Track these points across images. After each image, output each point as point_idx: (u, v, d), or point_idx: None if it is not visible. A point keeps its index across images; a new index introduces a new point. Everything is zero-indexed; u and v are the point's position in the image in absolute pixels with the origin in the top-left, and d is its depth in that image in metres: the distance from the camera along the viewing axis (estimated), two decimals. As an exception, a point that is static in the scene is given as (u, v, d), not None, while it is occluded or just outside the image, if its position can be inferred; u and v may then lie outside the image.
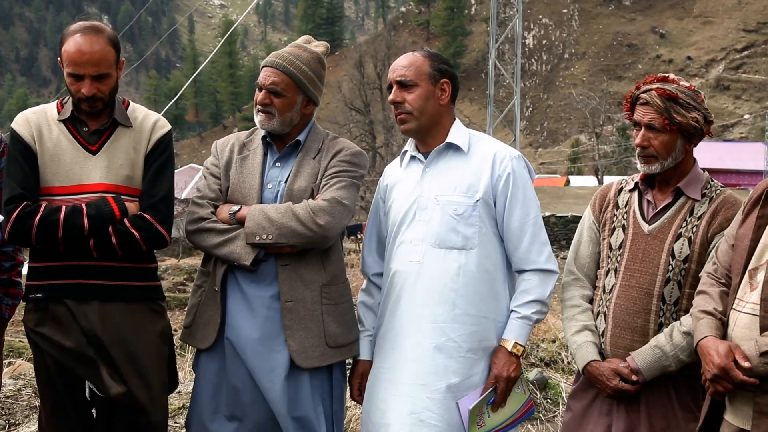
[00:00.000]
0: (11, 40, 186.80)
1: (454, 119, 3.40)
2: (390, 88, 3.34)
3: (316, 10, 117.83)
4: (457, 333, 3.19)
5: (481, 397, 3.15)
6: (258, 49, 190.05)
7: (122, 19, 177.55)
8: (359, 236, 34.85)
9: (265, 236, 3.23)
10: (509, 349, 3.20)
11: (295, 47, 3.48)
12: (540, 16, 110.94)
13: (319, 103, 3.52)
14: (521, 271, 3.29)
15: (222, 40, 46.04)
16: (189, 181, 48.68)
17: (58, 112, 3.33)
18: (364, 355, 3.46)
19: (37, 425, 5.04)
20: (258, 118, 3.42)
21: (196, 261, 24.27)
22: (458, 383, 3.18)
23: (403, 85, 3.28)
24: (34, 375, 5.40)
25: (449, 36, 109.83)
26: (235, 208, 3.35)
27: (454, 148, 3.34)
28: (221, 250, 3.29)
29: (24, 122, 3.29)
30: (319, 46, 3.55)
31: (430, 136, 3.35)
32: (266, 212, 3.26)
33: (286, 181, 3.39)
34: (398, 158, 3.54)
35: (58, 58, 3.25)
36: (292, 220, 3.22)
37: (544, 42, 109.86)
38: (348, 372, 3.56)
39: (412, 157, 3.42)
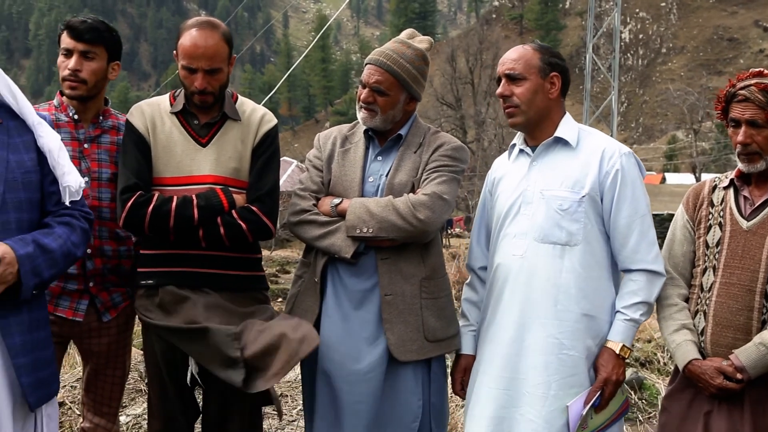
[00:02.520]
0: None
1: (564, 113, 3.36)
2: (499, 81, 3.33)
3: (408, 4, 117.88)
4: (558, 330, 3.16)
5: (591, 402, 3.11)
6: (351, 43, 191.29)
7: (219, 15, 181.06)
8: (449, 231, 34.82)
9: (365, 230, 3.26)
10: (617, 352, 3.14)
11: (398, 44, 3.48)
12: (637, 10, 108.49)
13: (421, 99, 3.54)
14: (627, 271, 3.22)
15: (317, 37, 46.44)
16: (282, 174, 49.43)
17: (171, 105, 3.44)
18: (466, 349, 3.47)
19: (141, 408, 5.26)
20: (361, 115, 3.46)
21: (288, 253, 24.66)
22: (558, 381, 3.15)
23: (512, 78, 3.26)
24: (138, 360, 5.62)
25: (543, 30, 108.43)
26: (337, 200, 3.38)
27: (562, 142, 3.29)
28: (322, 242, 3.34)
29: (139, 114, 3.42)
30: (422, 42, 3.55)
31: (538, 130, 3.32)
32: (367, 206, 3.29)
33: (387, 175, 3.41)
34: (507, 151, 3.52)
35: (174, 51, 3.37)
36: (393, 214, 3.24)
37: (640, 36, 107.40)
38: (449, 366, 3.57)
39: (521, 151, 3.40)
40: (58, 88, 3.53)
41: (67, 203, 2.77)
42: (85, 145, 3.49)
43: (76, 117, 3.50)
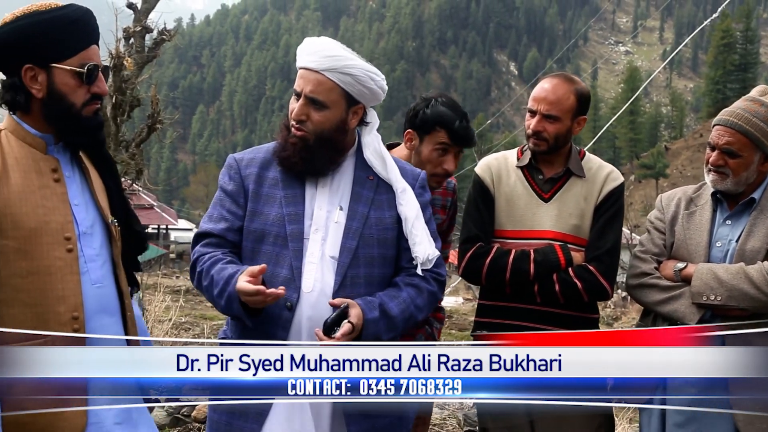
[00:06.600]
0: (426, 85, 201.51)
1: None
2: None
3: (728, 56, 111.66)
4: None
5: None
6: (661, 95, 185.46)
7: (529, 67, 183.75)
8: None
9: (713, 297, 3.11)
10: None
11: (749, 102, 3.30)
12: None
13: None
14: None
15: (634, 95, 45.20)
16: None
17: (518, 159, 3.50)
18: None
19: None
20: (710, 178, 3.31)
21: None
22: None
23: None
24: (458, 406, 5.76)
25: None
26: (681, 265, 3.26)
27: None
28: (664, 307, 3.23)
29: (486, 167, 3.51)
30: (777, 98, 3.35)
31: None
32: (715, 272, 3.14)
33: (737, 240, 3.24)
34: None
35: None
36: (745, 282, 3.07)
37: None
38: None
39: None
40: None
41: (418, 272, 2.79)
42: None
43: None
